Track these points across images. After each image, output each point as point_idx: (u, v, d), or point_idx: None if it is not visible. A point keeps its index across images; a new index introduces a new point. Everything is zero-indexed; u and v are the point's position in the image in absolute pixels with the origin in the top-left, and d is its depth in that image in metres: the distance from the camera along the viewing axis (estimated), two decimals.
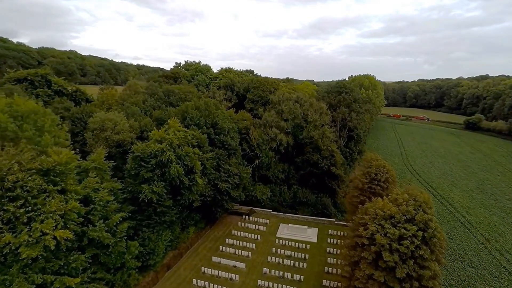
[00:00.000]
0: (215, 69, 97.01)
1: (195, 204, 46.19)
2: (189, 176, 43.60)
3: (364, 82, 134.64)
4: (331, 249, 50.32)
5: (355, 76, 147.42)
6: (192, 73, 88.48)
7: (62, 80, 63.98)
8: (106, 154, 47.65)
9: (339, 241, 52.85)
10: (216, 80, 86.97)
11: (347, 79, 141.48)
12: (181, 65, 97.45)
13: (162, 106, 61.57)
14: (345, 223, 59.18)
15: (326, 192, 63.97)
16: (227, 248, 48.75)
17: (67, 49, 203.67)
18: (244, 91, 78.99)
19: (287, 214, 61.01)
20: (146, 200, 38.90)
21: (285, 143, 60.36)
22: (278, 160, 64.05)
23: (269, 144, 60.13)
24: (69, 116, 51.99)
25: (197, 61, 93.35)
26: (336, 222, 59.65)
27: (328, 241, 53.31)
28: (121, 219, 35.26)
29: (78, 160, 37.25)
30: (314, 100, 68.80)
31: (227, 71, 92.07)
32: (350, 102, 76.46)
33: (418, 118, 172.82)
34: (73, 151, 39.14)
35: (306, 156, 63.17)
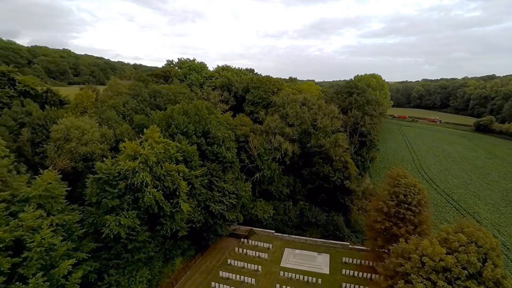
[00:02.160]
0: (214, 68, 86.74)
1: (180, 233, 36.30)
2: (171, 201, 33.73)
3: (371, 82, 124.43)
4: (347, 285, 40.38)
5: (361, 75, 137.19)
6: (185, 72, 78.25)
7: (29, 78, 54.05)
8: (71, 171, 38.17)
9: (356, 272, 43.03)
10: (211, 79, 76.83)
11: (352, 78, 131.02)
12: (174, 62, 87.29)
13: (146, 109, 51.69)
14: (361, 247, 49.41)
15: (338, 210, 54.00)
16: (221, 285, 38.88)
17: (69, 49, 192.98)
18: (243, 91, 68.88)
19: (292, 236, 51.07)
20: (112, 236, 29.02)
21: (290, 152, 50.41)
22: (282, 172, 54.08)
23: (272, 154, 50.20)
24: (29, 122, 42.15)
25: (191, 59, 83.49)
26: (350, 246, 49.72)
27: (343, 272, 43.31)
28: (72, 266, 25.49)
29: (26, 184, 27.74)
30: (323, 102, 58.82)
31: (224, 69, 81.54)
32: (362, 104, 66.53)
33: (430, 120, 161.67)
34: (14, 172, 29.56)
35: (315, 167, 53.19)
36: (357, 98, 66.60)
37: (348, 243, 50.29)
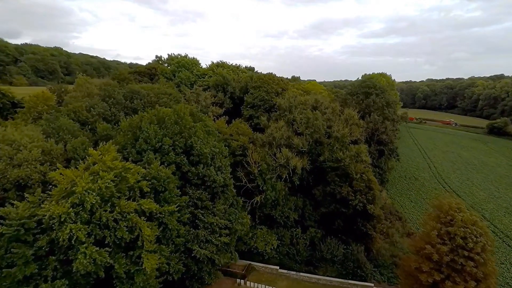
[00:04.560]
0: (208, 65, 74.16)
1: None
2: (130, 253, 22.38)
3: (381, 82, 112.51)
4: None
5: (369, 74, 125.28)
6: (173, 69, 66.60)
7: None
8: None
9: None
10: (204, 77, 65.21)
11: (360, 78, 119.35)
12: (163, 59, 75.71)
13: (119, 114, 40.36)
14: None
15: (357, 238, 42.65)
16: None
17: (69, 49, 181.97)
18: (241, 92, 57.35)
19: (301, 274, 39.69)
20: None
21: (300, 170, 39.02)
22: (288, 192, 42.71)
23: (277, 171, 38.81)
24: None
25: (183, 55, 71.65)
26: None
27: None
28: None
29: None
30: (338, 105, 47.34)
31: (219, 65, 69.60)
32: (381, 107, 55.09)
33: (444, 123, 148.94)
34: None
35: (329, 187, 41.79)
36: (375, 100, 55.03)
37: (372, 284, 38.95)
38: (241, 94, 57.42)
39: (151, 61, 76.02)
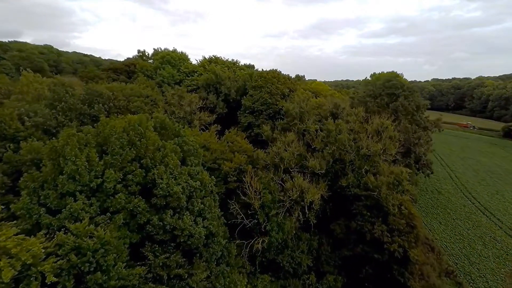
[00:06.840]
0: (199, 60, 62.01)
1: None
2: None
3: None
4: None
5: (378, 73, 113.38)
6: (157, 65, 54.83)
7: None
8: None
9: None
10: (194, 75, 53.40)
11: (369, 77, 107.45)
12: (147, 54, 64.28)
13: (69, 124, 28.97)
14: None
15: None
16: None
17: (69, 49, 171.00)
18: (238, 93, 45.89)
19: None
20: None
21: (318, 204, 27.59)
22: (299, 229, 31.28)
23: (286, 205, 27.38)
24: None
25: (170, 49, 59.31)
26: None
27: None
28: None
29: None
30: (362, 110, 35.72)
31: (211, 61, 57.49)
32: (411, 112, 43.64)
33: (461, 126, 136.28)
34: None
35: (356, 222, 30.35)
36: (404, 103, 43.57)
37: None
38: (238, 96, 45.83)
39: (131, 57, 64.32)
